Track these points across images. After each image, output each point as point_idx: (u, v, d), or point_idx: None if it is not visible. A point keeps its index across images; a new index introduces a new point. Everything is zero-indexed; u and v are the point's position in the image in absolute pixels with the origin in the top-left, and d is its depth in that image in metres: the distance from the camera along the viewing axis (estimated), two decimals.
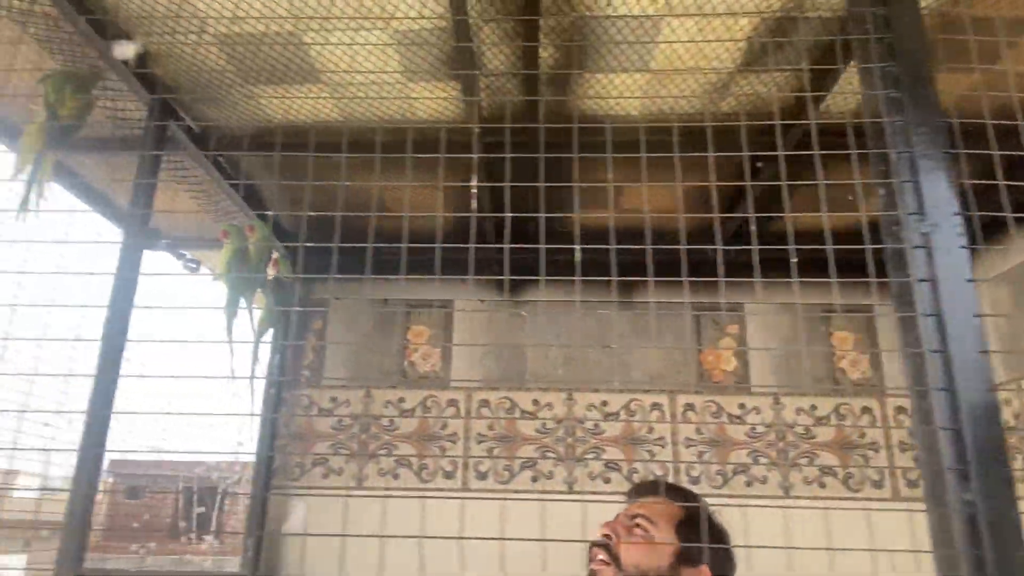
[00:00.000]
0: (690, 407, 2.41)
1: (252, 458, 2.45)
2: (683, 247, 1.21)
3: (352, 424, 2.44)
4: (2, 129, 1.67)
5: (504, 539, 0.79)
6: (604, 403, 2.42)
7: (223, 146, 1.93)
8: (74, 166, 2.01)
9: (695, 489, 2.33)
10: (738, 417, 2.39)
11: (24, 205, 1.30)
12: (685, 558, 1.18)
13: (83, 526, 1.45)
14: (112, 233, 2.21)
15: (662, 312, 2.50)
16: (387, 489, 2.35)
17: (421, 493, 2.33)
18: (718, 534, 1.25)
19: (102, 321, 1.68)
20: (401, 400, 2.46)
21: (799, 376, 2.42)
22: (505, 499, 2.28)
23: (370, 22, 1.48)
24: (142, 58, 1.57)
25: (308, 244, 1.26)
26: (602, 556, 1.20)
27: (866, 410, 2.38)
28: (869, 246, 1.05)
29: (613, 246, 1.18)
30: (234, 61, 1.62)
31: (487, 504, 2.29)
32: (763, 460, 2.33)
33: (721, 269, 1.13)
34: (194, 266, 2.01)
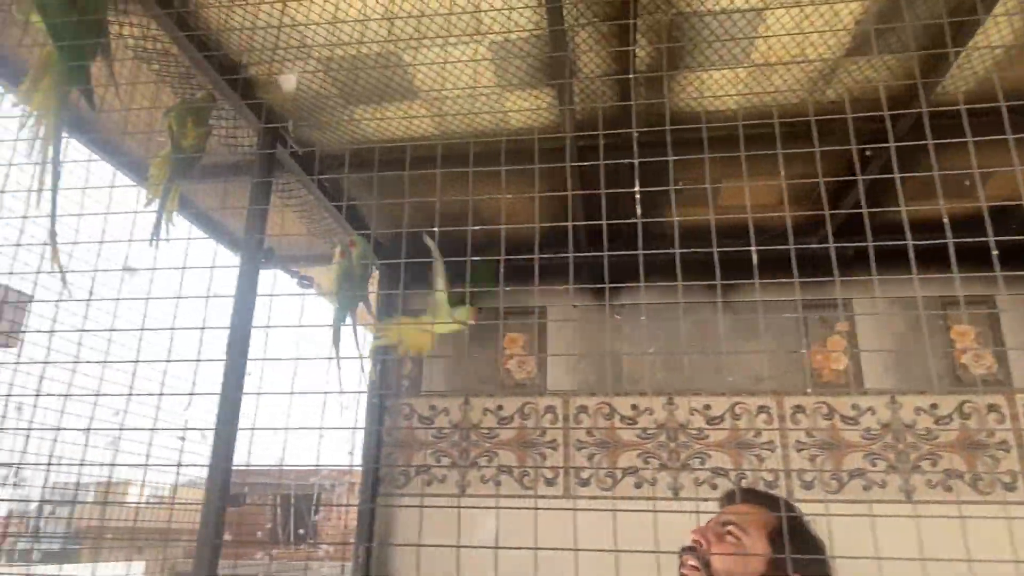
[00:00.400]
0: (799, 409, 2.31)
1: (359, 467, 2.52)
2: (790, 246, 1.16)
3: (452, 432, 2.47)
4: (129, 164, 1.79)
5: (612, 551, 0.78)
6: (707, 407, 2.36)
7: (325, 167, 2.00)
8: (190, 193, 2.13)
9: (806, 495, 2.24)
10: (851, 419, 2.28)
11: (155, 234, 1.38)
12: (778, 568, 1.14)
13: (216, 533, 1.52)
14: (225, 254, 2.33)
15: (765, 312, 2.42)
16: (489, 496, 2.37)
17: (524, 501, 2.33)
18: (813, 544, 1.19)
19: (224, 340, 1.76)
20: (499, 408, 2.48)
21: (917, 374, 2.29)
22: (613, 510, 2.26)
23: (467, 36, 1.50)
24: (250, 86, 1.64)
25: (407, 260, 1.28)
26: (692, 562, 1.18)
27: (993, 408, 2.22)
28: (991, 237, 0.98)
29: (715, 248, 1.15)
30: (336, 84, 1.67)
31: (591, 510, 2.27)
32: (881, 463, 2.22)
33: (829, 263, 1.08)
34: (307, 283, 2.09)
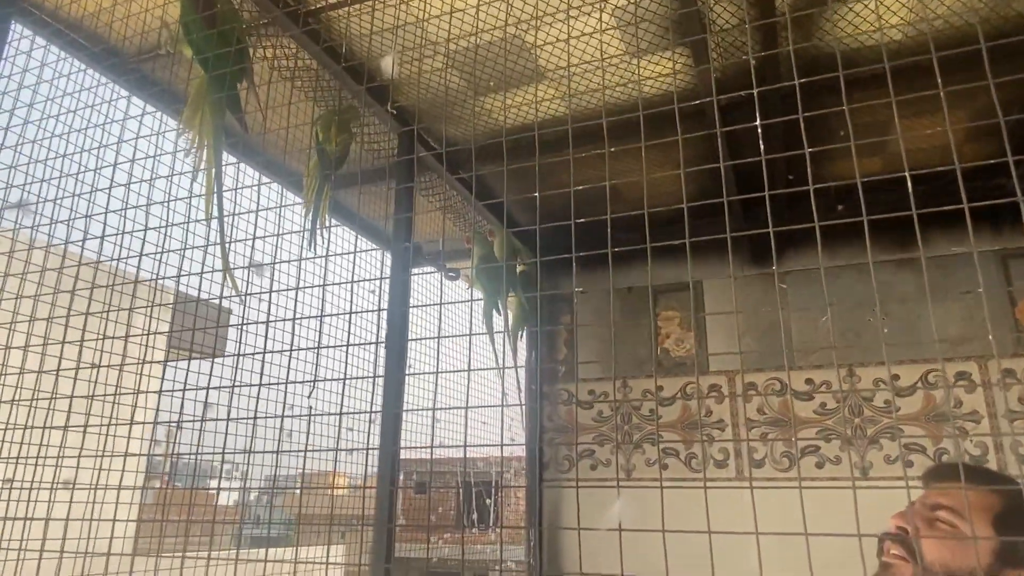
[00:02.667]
0: (1009, 373, 2.02)
1: (523, 452, 2.55)
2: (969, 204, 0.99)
3: (612, 415, 2.43)
4: (293, 182, 1.92)
5: (800, 533, 0.70)
6: (895, 377, 2.13)
7: (462, 161, 2.03)
8: (339, 197, 2.25)
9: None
10: None
11: (312, 240, 1.47)
12: (1010, 558, 0.95)
13: (390, 517, 1.60)
14: (372, 247, 2.45)
15: (956, 266, 2.13)
16: (656, 480, 2.30)
17: (694, 483, 2.24)
18: None
19: (384, 330, 1.86)
20: (660, 388, 2.40)
21: None
22: (795, 487, 2.11)
23: (588, 6, 1.45)
24: (386, 91, 1.70)
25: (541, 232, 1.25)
26: (896, 551, 1.02)
27: None
28: None
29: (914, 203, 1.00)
30: (463, 76, 1.69)
31: (768, 493, 2.13)
32: None
33: None
34: (454, 275, 2.15)
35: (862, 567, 0.86)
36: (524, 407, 2.45)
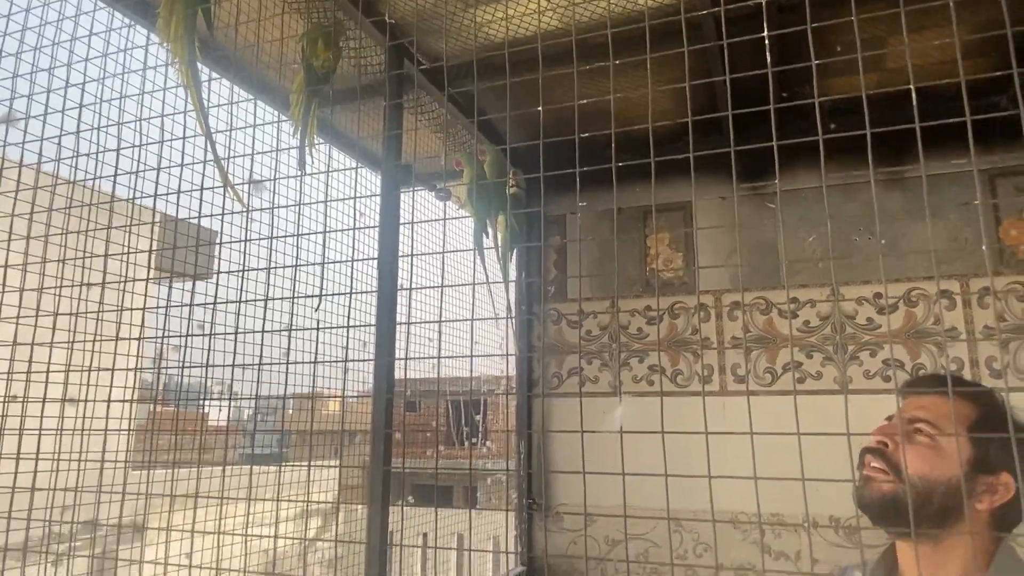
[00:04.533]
0: (988, 292, 2.07)
1: (513, 369, 2.61)
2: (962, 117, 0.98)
3: (601, 334, 2.48)
4: (284, 101, 1.87)
5: (791, 433, 0.74)
6: (877, 295, 2.18)
7: (453, 78, 1.99)
8: (327, 117, 2.21)
9: (997, 386, 2.03)
10: None
11: (301, 160, 1.45)
12: (982, 465, 1.00)
13: (386, 429, 1.65)
14: (360, 167, 2.42)
15: (943, 185, 2.14)
16: (642, 395, 2.38)
17: (677, 396, 2.32)
18: (1021, 433, 1.03)
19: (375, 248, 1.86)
20: (647, 308, 2.44)
21: None
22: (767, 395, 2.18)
23: None
24: (373, 3, 1.64)
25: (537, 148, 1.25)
26: (876, 463, 1.05)
27: None
28: None
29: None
30: None
31: (747, 408, 2.21)
32: None
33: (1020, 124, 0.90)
34: (444, 195, 2.14)
35: (847, 470, 0.90)
36: (515, 323, 2.49)
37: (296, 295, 1.22)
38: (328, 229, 1.29)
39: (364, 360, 1.89)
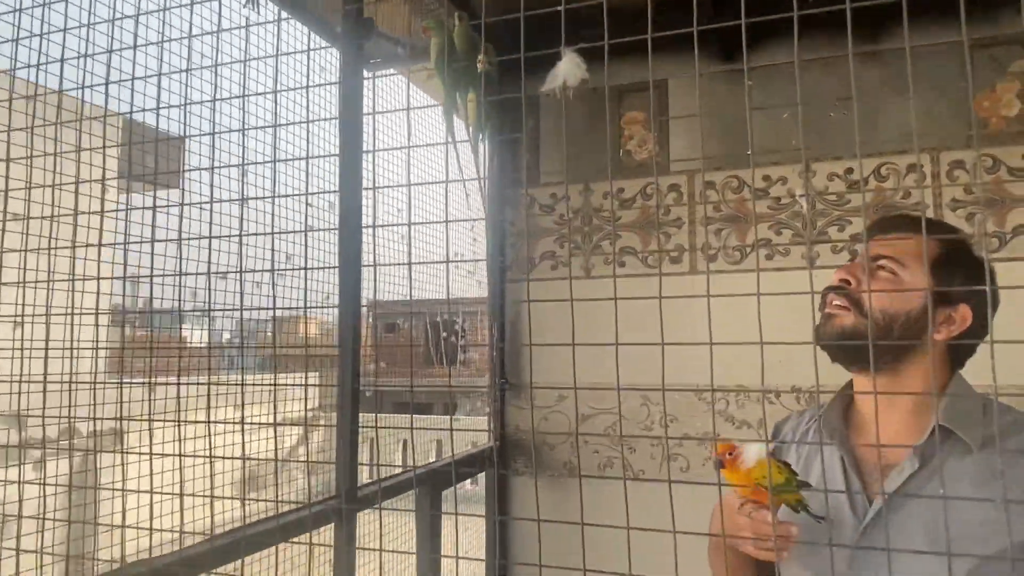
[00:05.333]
0: (958, 164, 2.07)
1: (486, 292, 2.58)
2: None
3: (574, 218, 2.46)
4: None
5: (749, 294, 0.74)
6: (849, 171, 2.17)
7: None
8: None
9: None
10: (1021, 171, 2.01)
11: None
12: (942, 298, 1.01)
13: (355, 350, 1.66)
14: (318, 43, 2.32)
15: (917, 58, 2.11)
16: (614, 277, 2.38)
17: (650, 272, 2.33)
18: (980, 270, 1.04)
19: (336, 138, 1.80)
20: (620, 191, 2.42)
21: None
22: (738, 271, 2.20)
23: None
24: None
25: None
26: (838, 301, 1.06)
27: None
28: None
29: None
30: None
31: (718, 286, 2.23)
32: None
33: None
34: (405, 51, 2.07)
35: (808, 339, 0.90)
36: (486, 205, 2.47)
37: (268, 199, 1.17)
38: (280, 124, 1.23)
39: (327, 268, 1.86)
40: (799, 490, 0.91)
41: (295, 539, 1.38)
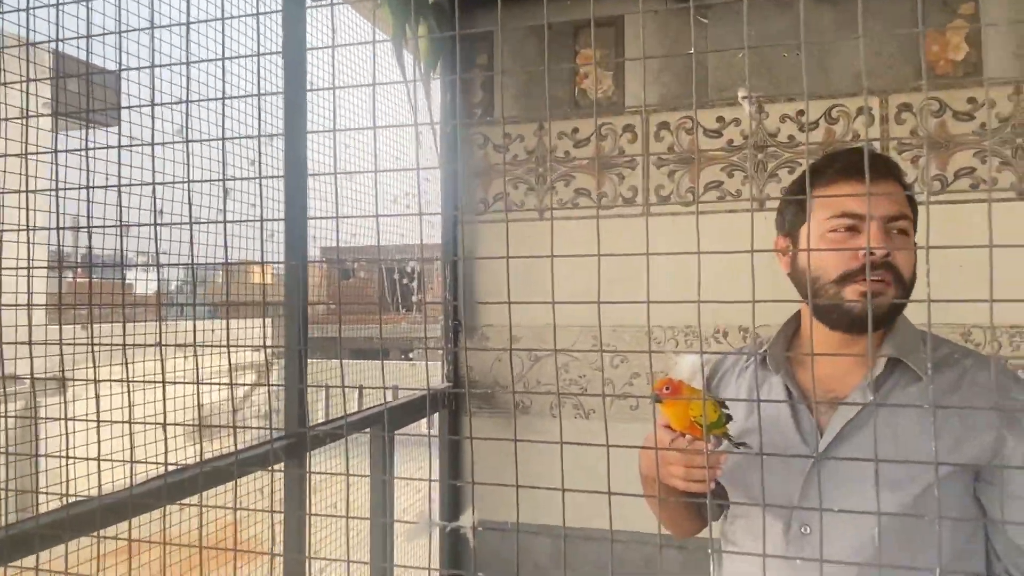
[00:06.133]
0: (906, 107, 2.10)
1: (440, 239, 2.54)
2: None
3: (528, 158, 2.43)
4: None
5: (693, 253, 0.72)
6: (800, 112, 2.18)
7: None
8: None
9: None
10: (966, 114, 2.05)
11: None
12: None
13: (304, 287, 1.61)
14: None
15: (872, 0, 2.11)
16: (567, 219, 2.37)
17: (600, 217, 2.32)
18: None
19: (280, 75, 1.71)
20: (575, 130, 2.39)
21: None
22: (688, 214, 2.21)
23: None
24: None
25: None
26: (877, 276, 0.93)
27: None
28: None
29: None
30: None
31: (670, 227, 2.25)
32: (997, 160, 2.02)
33: None
34: None
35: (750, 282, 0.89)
36: (438, 145, 2.42)
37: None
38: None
39: (276, 220, 1.79)
40: (726, 424, 0.92)
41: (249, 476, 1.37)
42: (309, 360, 2.04)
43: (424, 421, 2.50)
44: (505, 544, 2.31)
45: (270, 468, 1.35)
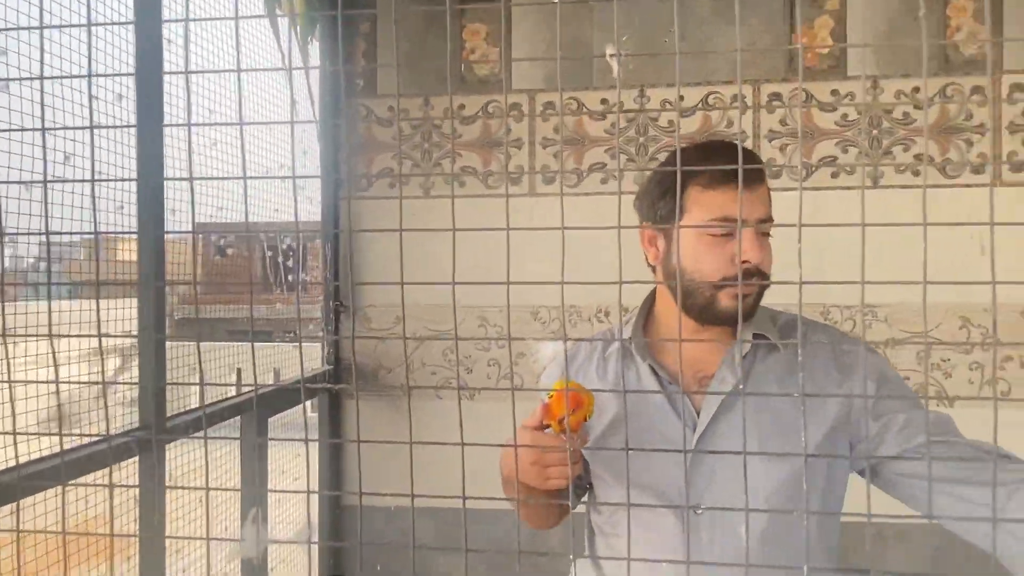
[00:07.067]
0: (776, 96, 2.20)
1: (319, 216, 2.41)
2: None
3: (413, 133, 2.36)
4: None
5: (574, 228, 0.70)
6: (680, 98, 2.24)
7: None
8: None
9: (774, 184, 2.21)
10: (830, 105, 2.18)
11: None
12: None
13: (159, 276, 1.48)
14: None
15: None
16: (456, 197, 2.33)
17: (486, 198, 2.30)
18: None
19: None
20: (461, 107, 2.34)
21: (903, 56, 2.15)
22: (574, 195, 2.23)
23: None
24: None
25: None
26: (753, 283, 0.96)
27: (977, 90, 2.12)
28: None
29: None
30: None
31: (554, 208, 2.25)
32: (852, 150, 2.16)
33: None
34: None
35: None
36: (318, 118, 2.30)
37: None
38: None
39: (125, 180, 1.62)
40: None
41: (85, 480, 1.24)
42: (184, 343, 1.91)
43: (303, 406, 2.40)
44: (390, 526, 2.27)
45: (110, 466, 1.24)
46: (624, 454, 1.00)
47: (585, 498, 1.12)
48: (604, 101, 2.27)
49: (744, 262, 0.93)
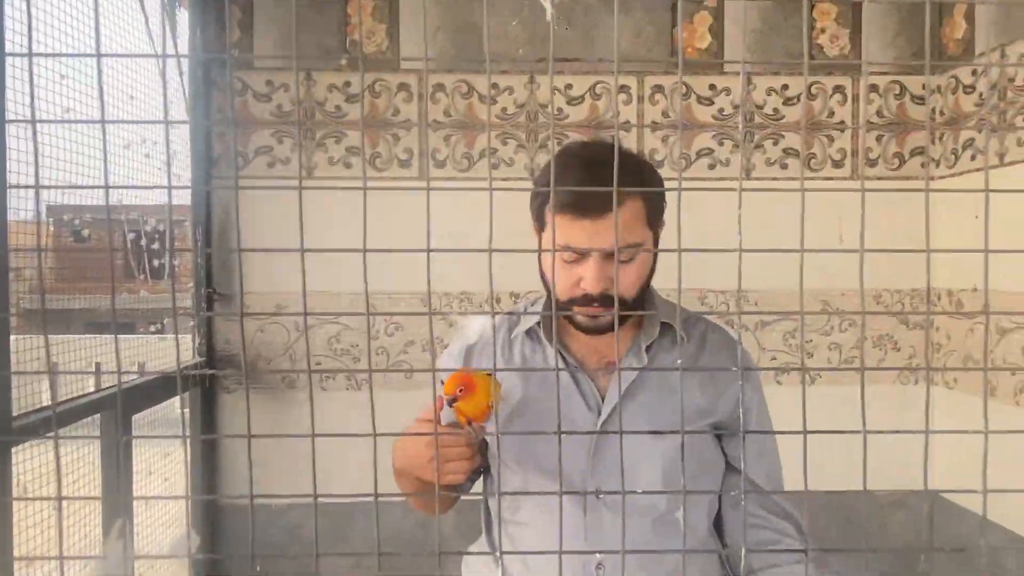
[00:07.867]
0: (659, 89, 2.27)
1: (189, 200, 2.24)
2: None
3: (293, 110, 2.23)
4: None
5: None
6: (569, 86, 2.26)
7: None
8: None
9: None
10: (708, 99, 2.27)
11: None
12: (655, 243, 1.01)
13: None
14: None
15: None
16: (338, 179, 2.24)
17: (378, 183, 2.22)
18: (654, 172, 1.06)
19: None
20: (347, 84, 2.24)
21: (774, 54, 2.27)
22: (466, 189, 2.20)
23: None
24: None
25: None
26: (598, 306, 0.94)
27: (839, 88, 2.28)
28: None
29: None
30: None
31: (445, 193, 2.22)
32: (728, 143, 2.27)
33: None
34: None
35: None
36: (186, 92, 2.13)
37: None
38: None
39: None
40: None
41: None
42: (34, 336, 1.73)
43: (179, 399, 2.22)
44: (272, 525, 2.16)
45: None
46: (528, 439, 1.00)
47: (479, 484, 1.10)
48: (495, 86, 2.25)
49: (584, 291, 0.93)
